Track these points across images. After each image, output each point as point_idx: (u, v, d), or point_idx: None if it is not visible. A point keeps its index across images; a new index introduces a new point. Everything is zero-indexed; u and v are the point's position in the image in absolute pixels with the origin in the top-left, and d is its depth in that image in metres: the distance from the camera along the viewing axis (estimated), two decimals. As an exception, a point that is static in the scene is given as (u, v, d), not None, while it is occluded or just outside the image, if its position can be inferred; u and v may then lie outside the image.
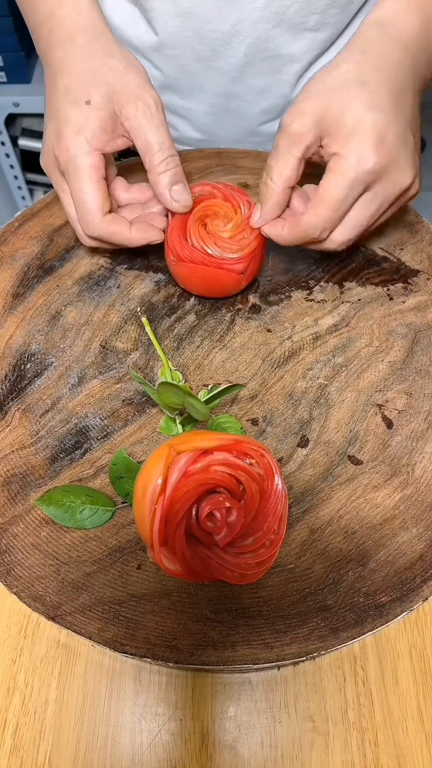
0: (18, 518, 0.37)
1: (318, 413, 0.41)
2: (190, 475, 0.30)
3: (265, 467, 0.32)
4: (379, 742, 0.32)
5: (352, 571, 0.35)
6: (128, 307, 0.47)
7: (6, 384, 0.43)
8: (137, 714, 0.33)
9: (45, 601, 0.34)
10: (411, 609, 0.34)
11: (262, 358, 0.44)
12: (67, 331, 0.45)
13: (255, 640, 0.33)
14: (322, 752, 0.32)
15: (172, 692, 0.33)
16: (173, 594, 0.35)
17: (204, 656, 0.33)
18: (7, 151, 1.31)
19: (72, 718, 0.33)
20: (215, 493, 0.31)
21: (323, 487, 0.38)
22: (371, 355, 0.44)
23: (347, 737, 0.32)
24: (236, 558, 0.31)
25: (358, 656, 0.34)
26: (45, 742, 0.32)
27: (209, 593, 0.34)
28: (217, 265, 0.42)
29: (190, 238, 0.43)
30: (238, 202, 0.44)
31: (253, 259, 0.43)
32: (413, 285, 0.48)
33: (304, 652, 0.33)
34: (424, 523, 0.37)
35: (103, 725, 0.32)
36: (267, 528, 0.32)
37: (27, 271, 0.49)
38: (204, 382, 0.43)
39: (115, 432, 0.41)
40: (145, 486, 0.30)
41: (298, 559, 0.36)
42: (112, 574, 0.35)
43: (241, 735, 0.32)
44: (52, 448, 0.40)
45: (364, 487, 0.38)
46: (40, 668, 0.34)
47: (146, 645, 0.33)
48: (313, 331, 0.46)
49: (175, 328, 0.46)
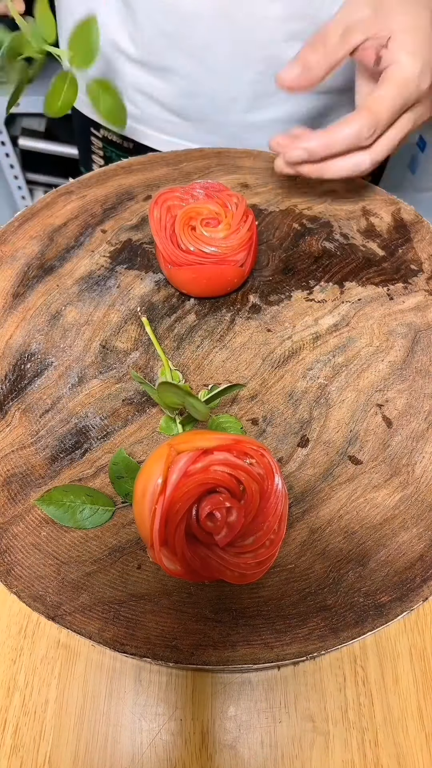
0: (18, 518, 0.37)
1: (318, 413, 0.41)
2: (190, 475, 0.30)
3: (265, 467, 0.32)
4: (379, 742, 0.32)
5: (352, 571, 0.35)
6: (128, 307, 0.47)
7: (6, 384, 0.43)
8: (137, 714, 0.33)
9: (45, 601, 0.34)
10: (411, 609, 0.34)
11: (262, 357, 0.44)
12: (67, 331, 0.45)
13: (255, 640, 0.33)
14: (322, 752, 0.32)
15: (172, 692, 0.33)
16: (173, 594, 0.34)
17: (204, 656, 0.33)
18: (7, 150, 1.30)
19: (72, 718, 0.33)
20: (215, 493, 0.31)
21: (323, 486, 0.38)
22: (371, 355, 0.44)
23: (347, 737, 0.32)
24: (236, 558, 0.31)
25: (358, 656, 0.34)
26: (45, 742, 0.32)
27: (209, 593, 0.34)
28: (219, 261, 0.42)
29: (183, 243, 0.42)
30: (224, 200, 0.43)
31: (250, 248, 0.43)
32: (413, 285, 0.48)
33: (304, 652, 0.33)
34: (424, 523, 0.37)
35: (103, 725, 0.32)
36: (267, 528, 0.32)
37: (27, 271, 0.49)
38: (204, 382, 0.43)
39: (115, 432, 0.41)
40: (145, 486, 0.30)
41: (298, 559, 0.36)
42: (112, 574, 0.35)
43: (241, 735, 0.32)
44: (52, 447, 0.40)
45: (364, 487, 0.38)
46: (40, 668, 0.34)
47: (146, 645, 0.33)
48: (313, 331, 0.46)
49: (175, 328, 0.46)
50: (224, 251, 0.42)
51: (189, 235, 0.42)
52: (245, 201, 0.44)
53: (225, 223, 0.43)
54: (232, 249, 0.42)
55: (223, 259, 0.42)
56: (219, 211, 0.43)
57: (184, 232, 0.42)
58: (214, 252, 0.42)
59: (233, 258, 0.43)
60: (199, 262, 0.42)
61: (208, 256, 0.42)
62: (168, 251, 0.43)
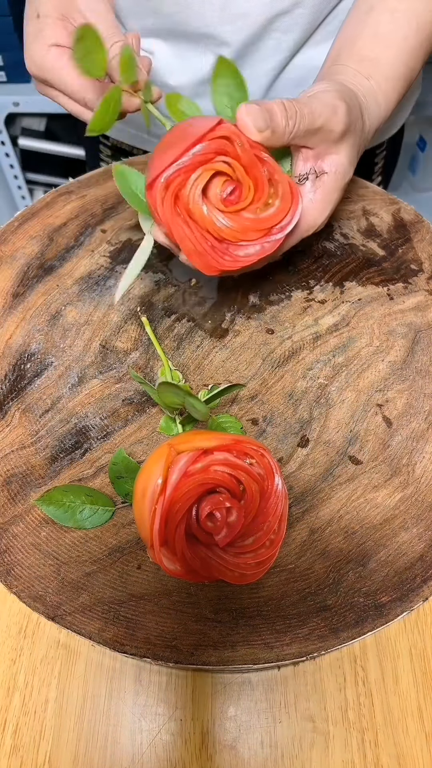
0: (18, 518, 0.37)
1: (318, 413, 0.41)
2: (190, 475, 0.30)
3: (266, 467, 0.32)
4: (379, 742, 0.32)
5: (352, 571, 0.35)
6: (128, 306, 0.47)
7: (6, 384, 0.43)
8: (137, 714, 0.33)
9: (45, 601, 0.34)
10: (411, 609, 0.34)
11: (263, 357, 0.44)
12: (67, 331, 0.45)
13: (255, 640, 0.33)
14: (322, 752, 0.32)
15: (172, 692, 0.33)
16: (173, 594, 0.34)
17: (204, 656, 0.33)
18: (7, 150, 1.30)
19: (72, 718, 0.32)
20: (215, 493, 0.31)
21: (323, 487, 0.38)
22: (371, 355, 0.44)
23: (347, 737, 0.32)
24: (236, 558, 0.31)
25: (358, 656, 0.34)
26: (45, 742, 0.32)
27: (209, 593, 0.34)
28: (265, 236, 0.36)
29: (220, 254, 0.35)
30: (264, 186, 0.35)
31: (293, 203, 0.36)
32: (413, 285, 0.48)
33: (304, 652, 0.33)
34: (424, 523, 0.37)
35: (103, 725, 0.32)
36: (267, 528, 0.32)
37: (27, 271, 0.49)
38: (204, 382, 0.43)
39: (115, 432, 0.41)
40: (145, 486, 0.30)
41: (298, 559, 0.36)
42: (112, 574, 0.35)
43: (241, 735, 0.32)
44: (52, 447, 0.40)
45: (364, 487, 0.38)
46: (40, 668, 0.34)
47: (146, 645, 0.33)
48: (313, 331, 0.46)
49: (175, 328, 0.46)
50: (263, 220, 0.36)
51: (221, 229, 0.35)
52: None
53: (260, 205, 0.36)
54: (274, 214, 0.36)
55: (269, 234, 0.36)
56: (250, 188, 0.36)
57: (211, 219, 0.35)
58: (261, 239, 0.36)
59: (280, 225, 0.36)
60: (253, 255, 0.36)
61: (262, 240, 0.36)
62: (211, 263, 0.36)
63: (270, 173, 0.35)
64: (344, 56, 0.45)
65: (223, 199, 0.35)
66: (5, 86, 1.23)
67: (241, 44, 0.53)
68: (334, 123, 0.37)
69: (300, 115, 0.36)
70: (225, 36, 0.53)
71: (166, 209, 0.34)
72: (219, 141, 0.34)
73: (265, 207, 0.36)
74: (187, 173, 0.33)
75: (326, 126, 0.37)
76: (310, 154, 0.39)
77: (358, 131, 0.41)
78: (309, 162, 0.40)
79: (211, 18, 0.51)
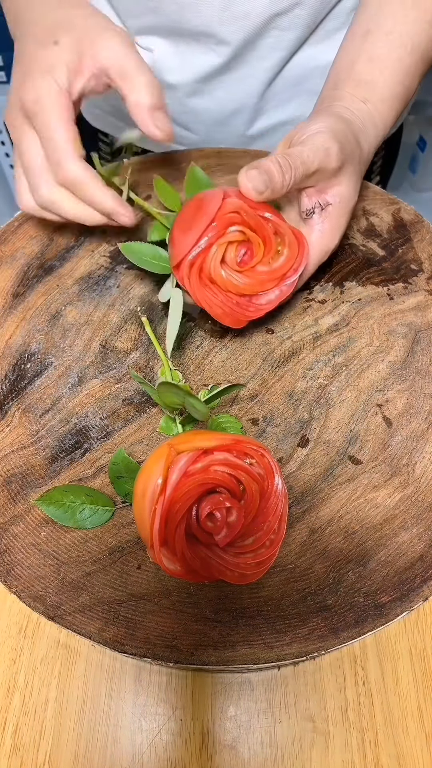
0: (18, 518, 0.37)
1: (318, 413, 0.41)
2: (190, 475, 0.30)
3: (265, 467, 0.32)
4: (379, 742, 0.32)
5: (352, 571, 0.35)
6: (128, 306, 0.47)
7: (6, 384, 0.43)
8: (137, 714, 0.33)
9: (45, 601, 0.34)
10: (411, 609, 0.34)
11: (263, 357, 0.44)
12: (67, 331, 0.45)
13: (255, 640, 0.33)
14: (322, 752, 0.32)
15: (172, 692, 0.33)
16: (173, 594, 0.34)
17: (204, 656, 0.33)
18: (7, 150, 1.30)
19: (72, 718, 0.33)
20: (215, 493, 0.31)
21: (323, 487, 0.38)
22: (371, 355, 0.44)
23: (347, 737, 0.32)
24: (236, 558, 0.31)
25: (358, 656, 0.34)
26: (45, 742, 0.32)
27: (209, 593, 0.34)
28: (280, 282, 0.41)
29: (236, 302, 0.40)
30: (272, 240, 0.40)
31: (300, 248, 0.41)
32: (413, 285, 0.48)
33: (304, 652, 0.33)
34: (424, 523, 0.37)
35: (103, 725, 0.32)
36: (267, 528, 0.32)
37: (27, 271, 0.49)
38: (204, 382, 0.43)
39: (115, 432, 0.41)
40: (145, 486, 0.30)
41: (298, 559, 0.36)
42: (112, 574, 0.35)
43: (241, 735, 0.32)
44: (52, 447, 0.40)
45: (364, 487, 0.38)
46: (40, 668, 0.34)
47: (146, 645, 0.33)
48: (313, 331, 0.46)
49: (175, 328, 0.46)
50: (276, 270, 0.40)
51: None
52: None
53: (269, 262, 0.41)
54: (283, 264, 0.40)
55: (283, 280, 0.41)
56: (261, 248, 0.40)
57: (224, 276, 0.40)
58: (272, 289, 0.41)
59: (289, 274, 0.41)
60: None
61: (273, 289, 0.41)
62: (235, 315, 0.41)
63: (275, 226, 0.40)
64: (342, 81, 0.46)
65: (238, 263, 0.40)
66: (5, 86, 1.23)
67: (240, 43, 0.53)
68: (328, 163, 0.39)
69: (294, 167, 0.38)
70: (224, 35, 0.53)
71: (193, 283, 0.40)
72: (228, 217, 0.39)
73: (276, 256, 0.41)
74: (206, 251, 0.39)
75: (321, 168, 0.39)
76: (313, 190, 0.41)
77: (356, 160, 0.43)
78: (313, 198, 0.42)
79: (211, 18, 0.51)
